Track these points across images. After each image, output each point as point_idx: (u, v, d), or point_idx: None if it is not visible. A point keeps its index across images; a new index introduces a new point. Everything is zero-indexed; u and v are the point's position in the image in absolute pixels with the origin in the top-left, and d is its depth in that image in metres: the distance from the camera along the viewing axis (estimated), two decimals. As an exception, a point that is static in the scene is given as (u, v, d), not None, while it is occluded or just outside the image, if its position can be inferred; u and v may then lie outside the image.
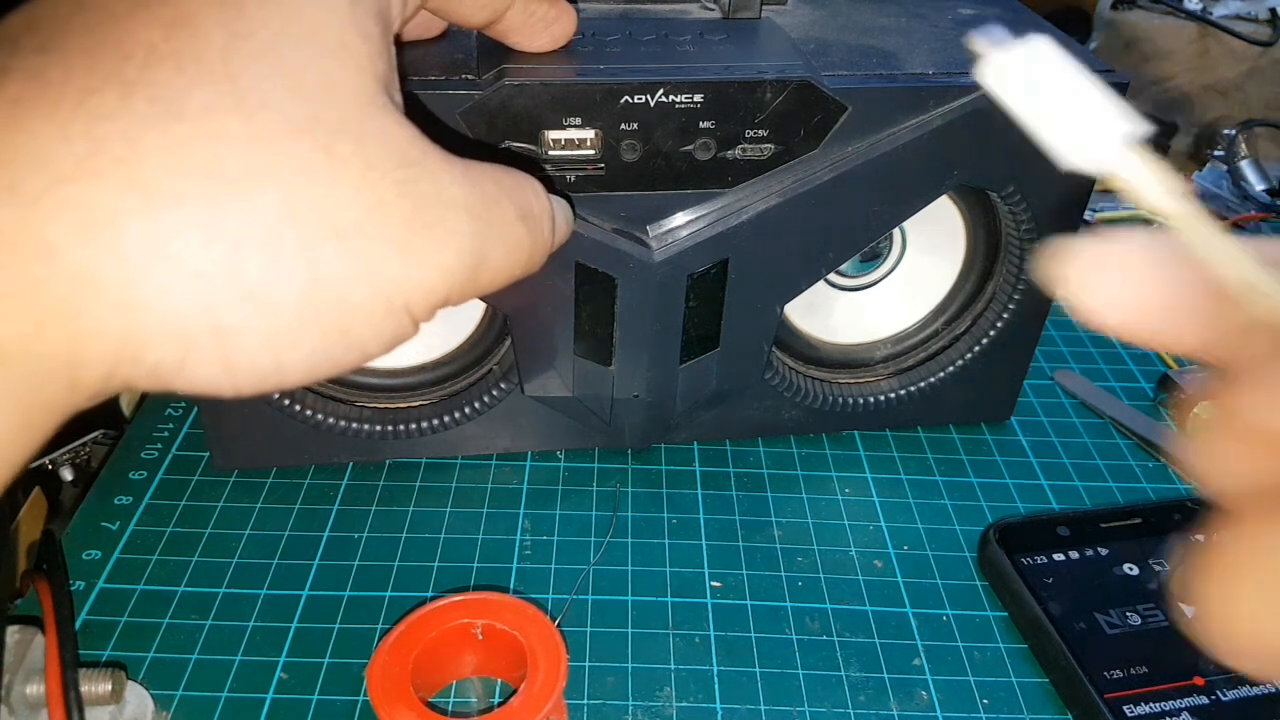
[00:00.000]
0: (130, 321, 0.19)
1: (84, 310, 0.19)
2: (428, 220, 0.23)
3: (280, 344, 0.21)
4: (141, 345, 0.20)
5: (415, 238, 0.23)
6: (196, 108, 0.20)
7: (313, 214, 0.21)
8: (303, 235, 0.21)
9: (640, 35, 0.37)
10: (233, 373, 0.21)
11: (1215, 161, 0.71)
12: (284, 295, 0.21)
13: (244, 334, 0.20)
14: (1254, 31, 0.73)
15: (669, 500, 0.44)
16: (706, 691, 0.36)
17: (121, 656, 0.36)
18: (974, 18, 0.43)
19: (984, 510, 0.44)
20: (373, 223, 0.22)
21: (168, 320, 0.20)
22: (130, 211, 0.19)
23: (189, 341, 0.20)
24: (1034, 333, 0.45)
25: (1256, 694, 0.35)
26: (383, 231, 0.22)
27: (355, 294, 0.22)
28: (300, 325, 0.21)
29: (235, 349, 0.21)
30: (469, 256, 0.24)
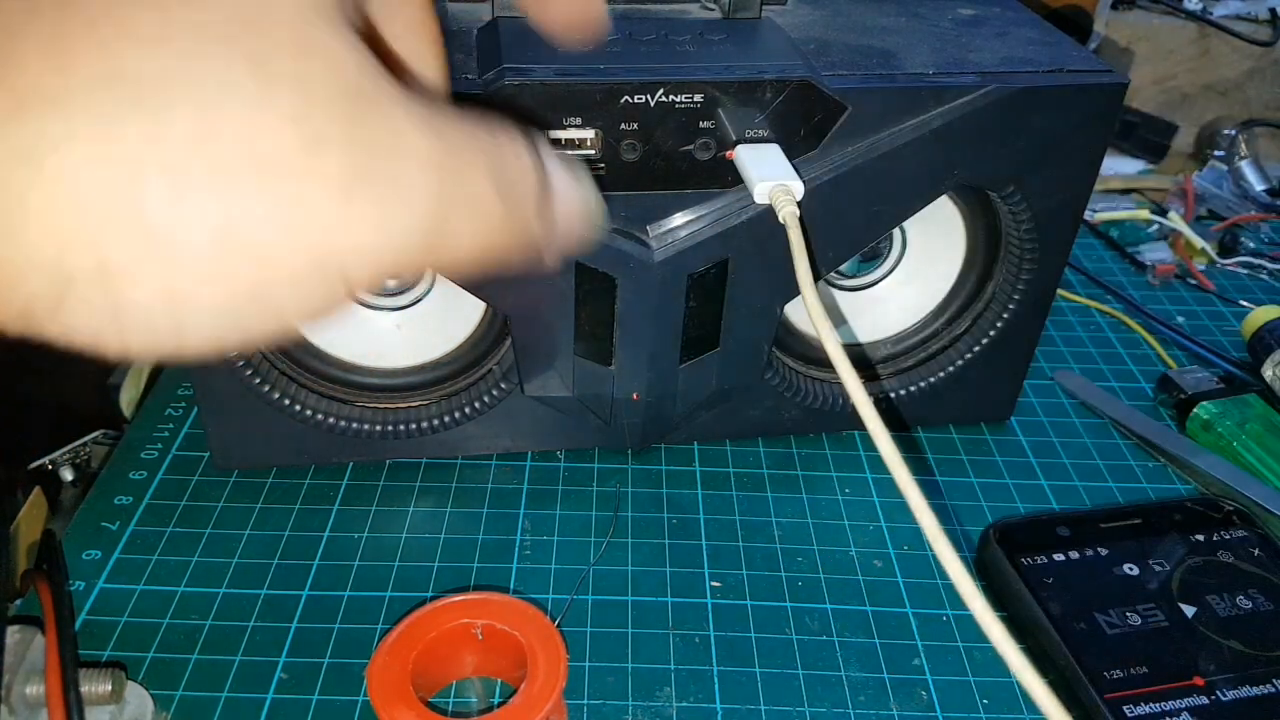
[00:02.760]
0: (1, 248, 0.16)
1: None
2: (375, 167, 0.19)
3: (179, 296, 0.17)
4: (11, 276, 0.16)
5: (358, 186, 0.18)
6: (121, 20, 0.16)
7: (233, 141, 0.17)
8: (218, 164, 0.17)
9: (640, 35, 0.37)
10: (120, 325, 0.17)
11: (1215, 161, 0.71)
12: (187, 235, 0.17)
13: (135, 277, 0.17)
14: (1254, 31, 0.73)
15: (669, 500, 0.44)
16: (706, 691, 0.36)
17: (121, 656, 0.36)
18: (974, 17, 0.43)
19: (984, 510, 0.44)
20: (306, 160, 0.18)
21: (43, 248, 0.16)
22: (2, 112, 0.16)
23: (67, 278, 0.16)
24: (1034, 333, 0.45)
25: (1256, 694, 0.35)
26: (317, 172, 0.18)
27: (276, 245, 0.18)
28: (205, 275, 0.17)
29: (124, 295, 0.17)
30: (424, 219, 0.20)
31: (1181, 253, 0.63)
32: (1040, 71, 0.38)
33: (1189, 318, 0.58)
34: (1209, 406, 0.48)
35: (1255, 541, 0.41)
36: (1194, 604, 0.38)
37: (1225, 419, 0.47)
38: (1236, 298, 0.60)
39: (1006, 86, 0.37)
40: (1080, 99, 0.38)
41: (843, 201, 0.38)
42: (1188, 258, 0.63)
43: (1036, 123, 0.38)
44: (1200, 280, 0.61)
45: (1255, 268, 0.63)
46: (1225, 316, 0.58)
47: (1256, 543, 0.40)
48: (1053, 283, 0.43)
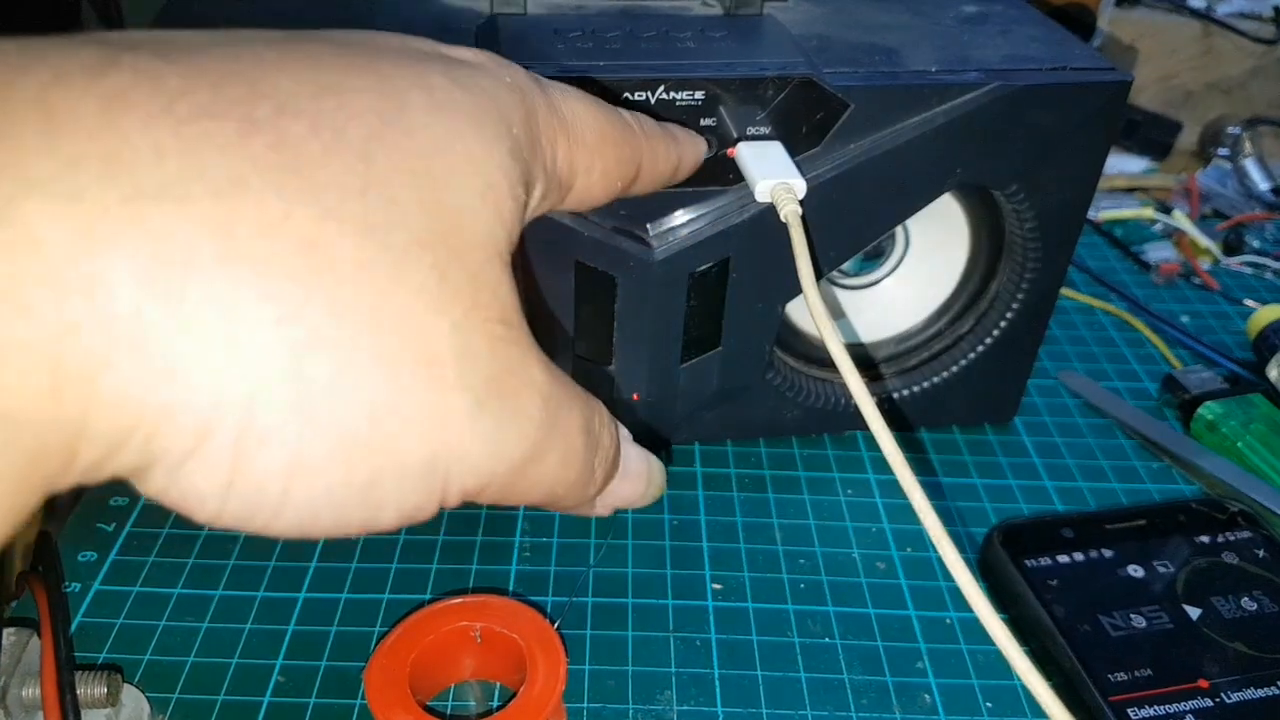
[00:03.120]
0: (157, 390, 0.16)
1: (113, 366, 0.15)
2: (506, 389, 0.20)
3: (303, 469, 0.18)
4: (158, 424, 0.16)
5: (489, 400, 0.20)
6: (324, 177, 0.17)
7: (404, 332, 0.18)
8: (384, 352, 0.18)
9: (641, 32, 0.37)
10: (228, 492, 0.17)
11: (1220, 160, 0.71)
12: (335, 413, 0.17)
13: (270, 445, 0.17)
14: (1258, 29, 0.72)
15: (669, 501, 0.44)
16: (707, 695, 0.35)
17: (117, 659, 0.36)
18: (977, 15, 0.42)
19: (987, 512, 0.44)
20: (458, 366, 0.19)
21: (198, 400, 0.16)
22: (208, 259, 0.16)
23: (208, 435, 0.16)
24: (1038, 333, 0.45)
25: (1261, 696, 0.34)
26: (463, 380, 0.19)
27: (407, 443, 0.19)
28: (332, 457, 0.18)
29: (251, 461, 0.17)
30: (528, 448, 0.21)
31: (1186, 252, 0.63)
32: (1044, 69, 0.38)
33: (1193, 317, 0.58)
34: (1213, 407, 0.47)
35: (1260, 543, 0.40)
36: (1199, 606, 0.37)
37: (1230, 419, 0.47)
38: (1241, 297, 0.60)
39: (1010, 84, 0.37)
40: (1084, 97, 0.38)
41: (845, 199, 0.38)
42: (1192, 257, 0.63)
43: (1040, 121, 0.38)
44: (1205, 279, 0.61)
45: (1260, 267, 0.63)
46: (1230, 316, 0.58)
47: (1262, 544, 0.40)
48: (1057, 282, 0.43)
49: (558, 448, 0.22)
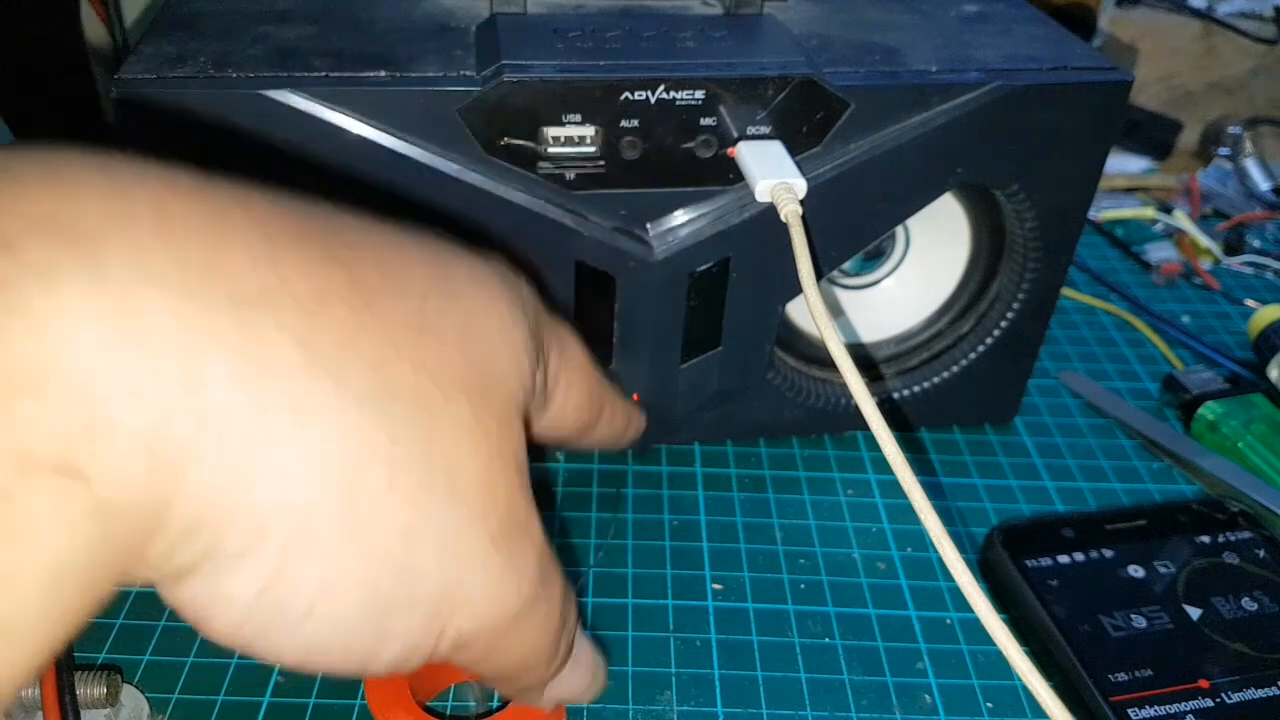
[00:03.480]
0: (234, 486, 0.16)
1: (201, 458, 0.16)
2: (514, 535, 0.21)
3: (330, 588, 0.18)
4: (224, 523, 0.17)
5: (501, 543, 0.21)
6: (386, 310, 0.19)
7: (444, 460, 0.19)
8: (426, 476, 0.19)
9: (641, 31, 0.37)
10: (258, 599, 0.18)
11: (1220, 160, 0.71)
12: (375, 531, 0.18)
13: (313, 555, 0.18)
14: (1259, 29, 0.72)
15: (670, 502, 0.44)
16: (708, 695, 0.35)
17: (117, 659, 0.36)
18: (978, 14, 0.42)
19: (988, 512, 0.44)
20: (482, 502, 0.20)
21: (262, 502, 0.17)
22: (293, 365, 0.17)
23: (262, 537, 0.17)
24: (1038, 333, 0.45)
25: (1262, 697, 0.34)
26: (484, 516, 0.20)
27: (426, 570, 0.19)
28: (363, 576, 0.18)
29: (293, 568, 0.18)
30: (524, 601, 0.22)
31: (1187, 251, 0.63)
32: (1044, 69, 0.38)
33: (1194, 317, 0.58)
34: (1214, 407, 0.47)
35: (1261, 543, 0.40)
36: (1199, 606, 0.37)
37: (1231, 419, 0.47)
38: (1242, 297, 0.60)
39: (1010, 84, 0.37)
40: (1085, 96, 0.38)
41: (845, 199, 0.38)
42: (1193, 256, 0.63)
43: (1041, 120, 0.38)
44: (1205, 279, 0.61)
45: (1261, 267, 0.63)
46: (1231, 316, 0.58)
47: (1262, 544, 0.40)
48: (1057, 282, 0.43)
49: (543, 609, 0.23)
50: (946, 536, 0.25)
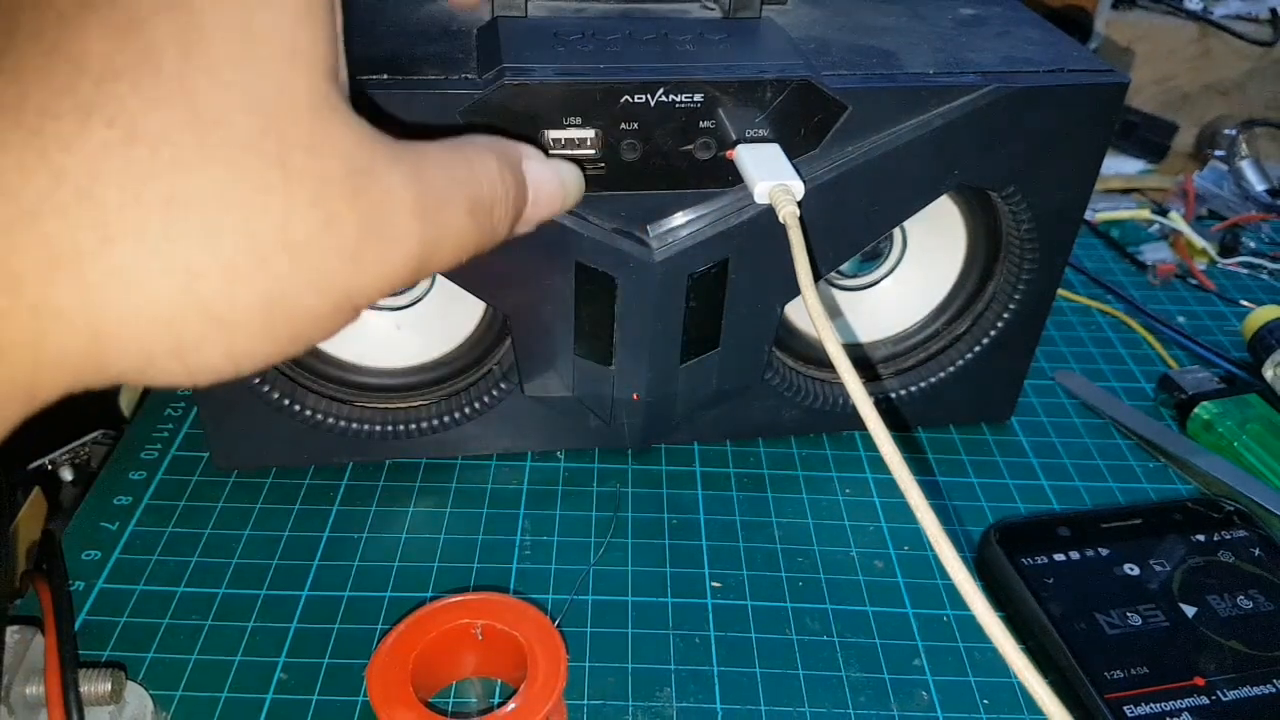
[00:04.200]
0: (93, 345, 0.19)
1: (46, 339, 0.19)
2: (376, 229, 0.23)
3: (237, 352, 0.22)
4: (103, 364, 0.20)
5: (365, 248, 0.23)
6: (154, 130, 0.19)
7: (269, 232, 0.21)
8: (259, 255, 0.21)
9: (641, 35, 0.37)
10: (191, 375, 0.21)
11: (1216, 161, 0.71)
12: (241, 314, 0.21)
13: (202, 348, 0.21)
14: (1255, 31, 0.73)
15: (669, 500, 0.44)
16: (707, 692, 0.36)
17: (121, 657, 0.36)
18: (974, 17, 0.43)
19: (984, 510, 0.44)
20: (325, 237, 0.22)
21: (129, 343, 0.20)
22: (94, 245, 0.19)
23: (149, 357, 0.20)
24: (1034, 333, 0.45)
25: (1257, 694, 0.35)
26: (334, 244, 0.22)
27: (308, 304, 0.22)
28: (256, 336, 0.22)
29: (197, 360, 0.21)
30: (415, 258, 0.24)
31: (1182, 252, 0.63)
32: (1041, 71, 0.38)
33: (1190, 318, 0.58)
34: (1210, 406, 0.48)
35: (1256, 542, 0.40)
36: (1195, 604, 0.38)
37: (1226, 419, 0.47)
38: (1237, 298, 0.60)
39: (1007, 86, 0.37)
40: (1081, 99, 0.38)
41: (843, 201, 0.38)
42: (1188, 257, 0.63)
43: (1037, 122, 0.38)
44: (1201, 280, 0.61)
45: (1256, 267, 0.63)
46: (1226, 316, 0.58)
47: (1257, 543, 0.40)
48: (1053, 283, 0.43)
49: (445, 238, 0.25)
50: (943, 535, 0.25)
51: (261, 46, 0.21)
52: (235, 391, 0.41)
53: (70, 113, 0.19)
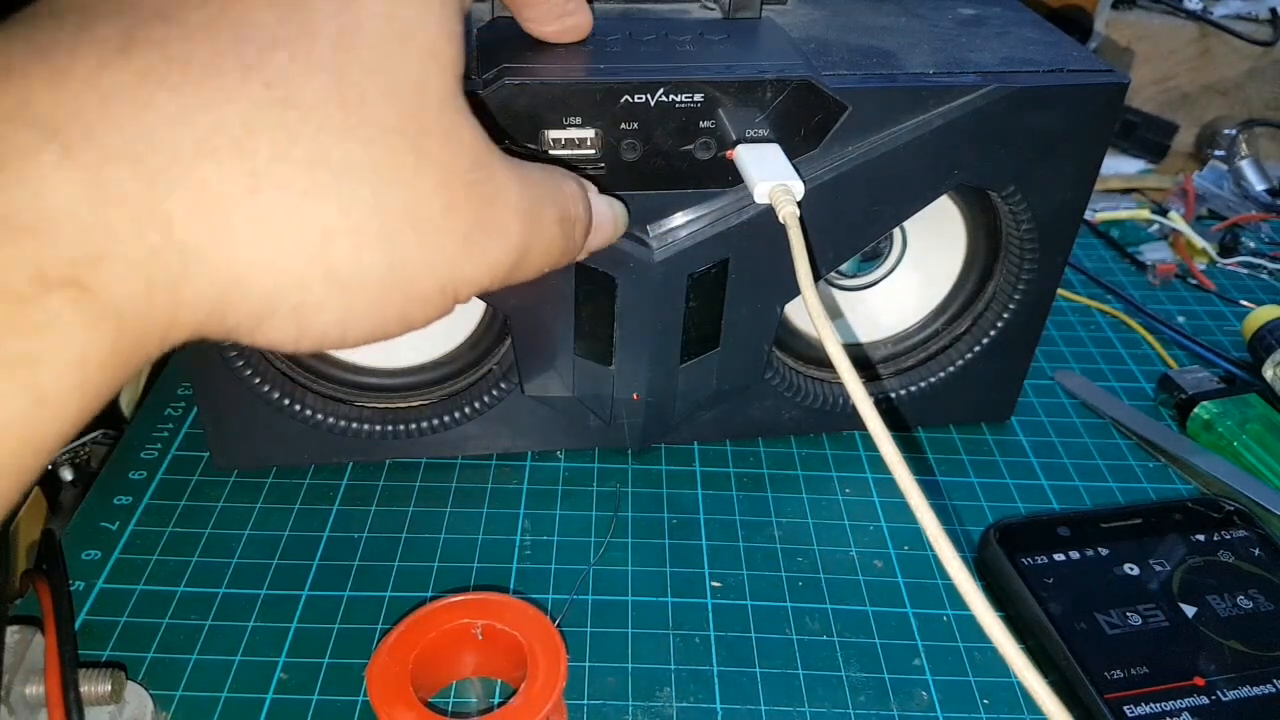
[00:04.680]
0: (225, 292, 0.21)
1: (188, 279, 0.20)
2: (487, 220, 0.25)
3: (350, 320, 0.23)
4: (229, 312, 0.21)
5: (477, 236, 0.25)
6: (308, 98, 0.21)
7: (398, 208, 0.23)
8: (387, 227, 0.22)
9: (640, 35, 0.37)
10: (300, 338, 0.23)
11: (1216, 161, 0.71)
12: (363, 280, 0.22)
13: (321, 310, 0.22)
14: (1254, 31, 0.73)
15: (669, 500, 0.44)
16: (707, 692, 0.36)
17: (121, 656, 0.36)
18: (974, 17, 0.43)
19: (984, 510, 0.44)
20: (445, 220, 0.24)
21: (258, 293, 0.21)
22: (241, 194, 0.20)
23: (272, 312, 0.22)
24: (1034, 333, 0.45)
25: (1257, 694, 0.35)
26: (453, 228, 0.24)
27: (421, 282, 0.24)
28: (370, 306, 0.23)
29: (310, 321, 0.22)
30: (514, 254, 0.26)
31: (1182, 252, 0.63)
32: (1041, 71, 0.38)
33: (1189, 317, 0.58)
34: (1209, 406, 0.48)
35: (1256, 542, 0.41)
36: (1194, 604, 0.38)
37: (1226, 419, 0.47)
38: (1237, 297, 0.60)
39: (1007, 86, 0.37)
40: (1081, 99, 0.38)
41: (843, 201, 0.38)
42: (1188, 257, 0.63)
43: (1037, 122, 0.38)
44: (1201, 280, 0.61)
45: (1256, 267, 0.63)
46: (1226, 316, 0.58)
47: (1257, 543, 0.40)
48: (1053, 282, 0.43)
49: (538, 244, 0.27)
50: (943, 535, 0.25)
51: (406, 40, 0.23)
52: (235, 391, 0.41)
53: (234, 70, 0.20)
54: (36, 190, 0.18)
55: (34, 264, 0.18)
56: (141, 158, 0.19)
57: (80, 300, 0.18)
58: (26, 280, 0.18)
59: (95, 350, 0.19)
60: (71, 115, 0.18)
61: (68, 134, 0.18)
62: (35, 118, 0.18)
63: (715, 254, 0.39)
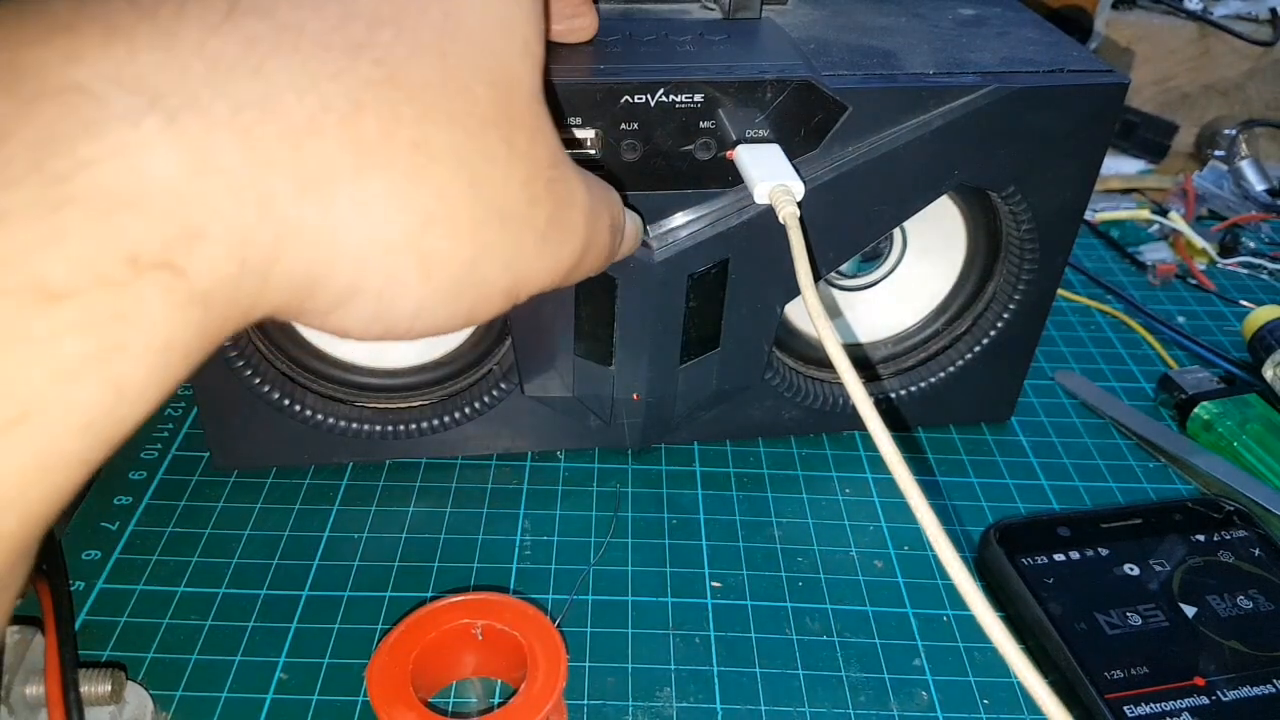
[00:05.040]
0: (314, 273, 0.20)
1: (281, 259, 0.19)
2: (561, 220, 0.25)
3: (423, 310, 0.23)
4: (314, 292, 0.20)
5: (551, 234, 0.25)
6: (414, 79, 0.21)
7: (489, 199, 0.22)
8: (478, 216, 0.22)
9: (641, 35, 0.37)
10: (371, 325, 0.22)
11: (1216, 161, 0.71)
12: (448, 270, 0.22)
13: (403, 297, 0.22)
14: (1254, 31, 0.73)
15: (669, 500, 0.44)
16: (707, 692, 0.36)
17: (121, 657, 0.36)
18: (974, 17, 0.43)
19: (984, 510, 0.44)
20: (527, 215, 0.24)
21: (347, 277, 0.21)
22: (345, 171, 0.20)
23: (355, 293, 0.21)
24: (1034, 333, 0.45)
25: (1257, 694, 0.35)
26: (532, 224, 0.24)
27: (495, 278, 0.24)
28: (446, 298, 0.23)
29: (389, 308, 0.22)
30: (576, 257, 0.26)
31: (1182, 253, 0.63)
32: (1041, 71, 0.38)
33: (1189, 318, 0.58)
34: (1209, 406, 0.48)
35: (1256, 542, 0.41)
36: (1195, 604, 0.38)
37: (1226, 419, 0.47)
38: (1237, 298, 0.60)
39: (1007, 86, 0.37)
40: (1081, 99, 0.38)
41: (843, 201, 0.38)
42: (1188, 258, 0.63)
43: (1037, 123, 0.38)
44: (1201, 280, 0.61)
45: (1256, 267, 0.63)
46: (1226, 316, 0.58)
47: (1257, 543, 0.40)
48: (1053, 283, 0.43)
49: (594, 249, 0.27)
50: (943, 535, 0.25)
51: (506, 32, 0.23)
52: (235, 391, 0.41)
53: (343, 45, 0.20)
54: (137, 162, 0.17)
55: (129, 244, 0.17)
56: (248, 129, 0.18)
57: (172, 285, 0.17)
58: (120, 262, 0.17)
59: (180, 337, 0.18)
60: (177, 81, 0.17)
61: (172, 101, 0.17)
62: (138, 81, 0.17)
63: (715, 254, 0.39)
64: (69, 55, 0.17)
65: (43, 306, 0.16)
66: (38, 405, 0.16)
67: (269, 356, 0.41)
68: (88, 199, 0.16)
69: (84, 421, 0.17)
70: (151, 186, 0.17)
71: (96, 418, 0.17)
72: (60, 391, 0.16)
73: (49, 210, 0.16)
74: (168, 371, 0.18)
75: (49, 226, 0.16)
